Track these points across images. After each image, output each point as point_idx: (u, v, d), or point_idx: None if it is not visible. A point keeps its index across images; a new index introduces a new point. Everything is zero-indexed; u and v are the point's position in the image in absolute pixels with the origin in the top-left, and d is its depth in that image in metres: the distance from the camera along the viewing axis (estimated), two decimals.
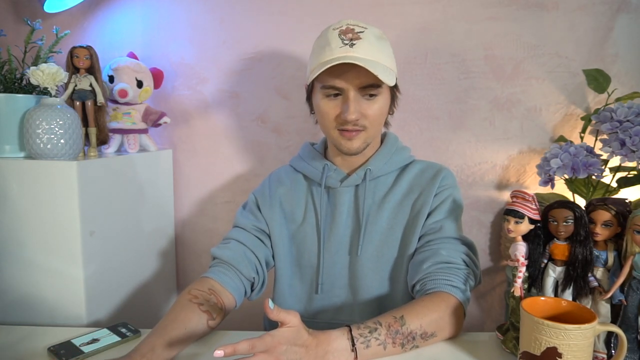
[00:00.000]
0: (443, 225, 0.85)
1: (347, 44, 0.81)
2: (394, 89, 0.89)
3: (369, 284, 0.88)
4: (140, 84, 1.16)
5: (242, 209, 0.98)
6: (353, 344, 0.68)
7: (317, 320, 0.91)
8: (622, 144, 0.94)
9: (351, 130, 0.84)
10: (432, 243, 0.84)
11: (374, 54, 0.81)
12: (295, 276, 0.94)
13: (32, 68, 0.93)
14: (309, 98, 0.91)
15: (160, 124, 1.19)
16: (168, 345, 0.70)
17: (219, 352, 0.58)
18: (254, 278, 0.89)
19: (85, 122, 1.03)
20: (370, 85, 0.81)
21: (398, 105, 0.93)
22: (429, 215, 0.87)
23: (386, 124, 0.95)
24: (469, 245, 0.85)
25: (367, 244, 0.88)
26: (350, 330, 0.69)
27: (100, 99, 1.03)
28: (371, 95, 0.83)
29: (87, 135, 1.04)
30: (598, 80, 1.10)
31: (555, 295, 0.73)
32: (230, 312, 0.86)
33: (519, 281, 0.71)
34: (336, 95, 0.84)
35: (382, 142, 0.95)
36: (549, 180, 1.02)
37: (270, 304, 0.62)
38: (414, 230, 0.86)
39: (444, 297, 0.76)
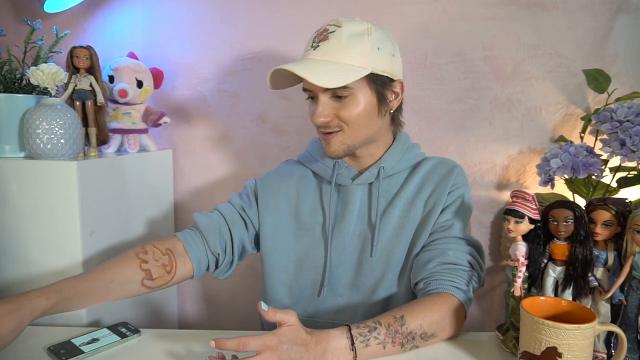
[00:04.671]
0: (453, 224, 0.84)
1: (313, 47, 0.80)
2: (380, 87, 0.81)
3: (376, 283, 0.86)
4: (140, 84, 1.16)
5: (236, 194, 0.97)
6: (352, 343, 0.68)
7: (317, 320, 0.90)
8: (622, 144, 0.93)
9: (328, 133, 0.82)
10: (439, 242, 0.83)
11: (334, 54, 0.78)
12: (296, 275, 0.91)
13: (32, 68, 0.93)
14: None
15: (160, 124, 1.19)
16: (83, 292, 0.73)
17: (212, 343, 0.61)
18: (218, 254, 0.89)
19: (85, 122, 1.03)
20: (331, 87, 0.76)
21: (400, 103, 0.89)
22: (441, 212, 0.85)
23: (398, 123, 0.93)
24: (476, 247, 0.84)
25: (378, 243, 0.86)
26: (350, 329, 0.69)
27: (100, 99, 1.03)
28: (340, 97, 0.79)
29: (87, 135, 1.04)
30: (598, 80, 1.10)
31: (555, 295, 0.73)
32: (184, 281, 0.87)
33: (519, 281, 0.71)
34: (313, 97, 0.83)
35: (393, 140, 0.92)
36: (549, 180, 1.02)
37: (264, 306, 0.62)
38: (425, 227, 0.85)
39: (446, 298, 0.76)
